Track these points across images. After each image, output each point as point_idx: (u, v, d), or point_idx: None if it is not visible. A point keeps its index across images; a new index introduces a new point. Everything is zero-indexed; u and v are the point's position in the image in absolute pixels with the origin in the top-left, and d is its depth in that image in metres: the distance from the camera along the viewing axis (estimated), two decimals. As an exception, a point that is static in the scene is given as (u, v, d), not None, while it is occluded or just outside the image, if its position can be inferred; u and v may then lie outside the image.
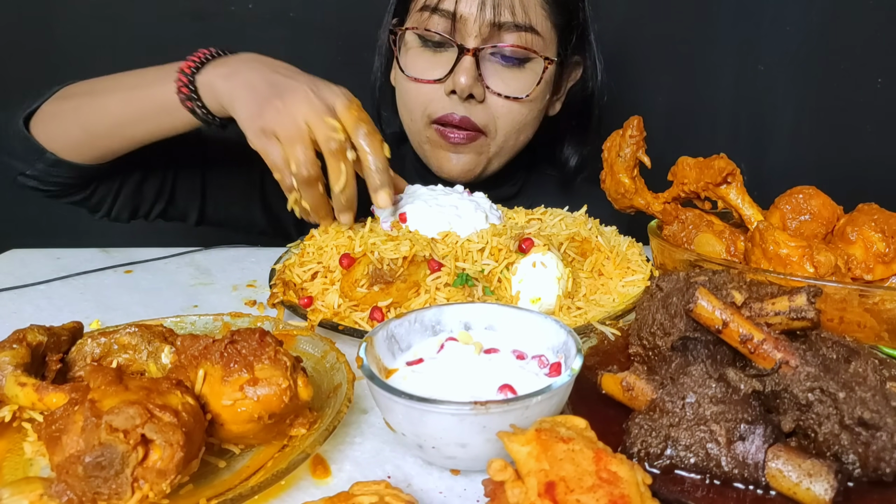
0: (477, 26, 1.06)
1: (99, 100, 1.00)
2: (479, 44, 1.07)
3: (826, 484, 0.45)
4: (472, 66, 1.07)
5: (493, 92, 1.10)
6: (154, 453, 0.44)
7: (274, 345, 0.53)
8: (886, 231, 0.78)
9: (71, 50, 1.59)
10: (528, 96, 1.12)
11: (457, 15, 1.06)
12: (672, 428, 0.49)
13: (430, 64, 1.11)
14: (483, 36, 1.07)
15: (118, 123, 0.99)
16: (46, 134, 1.01)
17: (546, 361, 0.59)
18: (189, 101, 0.93)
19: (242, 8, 1.62)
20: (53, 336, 0.59)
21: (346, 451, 0.57)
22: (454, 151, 1.15)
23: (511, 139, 1.17)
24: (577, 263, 0.86)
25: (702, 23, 1.69)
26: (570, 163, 1.32)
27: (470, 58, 1.07)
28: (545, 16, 1.11)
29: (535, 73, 1.12)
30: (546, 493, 0.38)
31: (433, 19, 1.09)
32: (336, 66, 1.58)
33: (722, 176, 0.85)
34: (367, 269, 0.78)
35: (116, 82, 1.02)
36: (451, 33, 1.08)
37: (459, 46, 1.07)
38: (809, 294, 0.54)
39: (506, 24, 1.06)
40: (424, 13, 1.09)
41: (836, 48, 1.67)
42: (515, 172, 1.29)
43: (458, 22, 1.07)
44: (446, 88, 1.10)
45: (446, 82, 1.10)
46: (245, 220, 1.26)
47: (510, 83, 1.11)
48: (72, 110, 1.00)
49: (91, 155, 1.02)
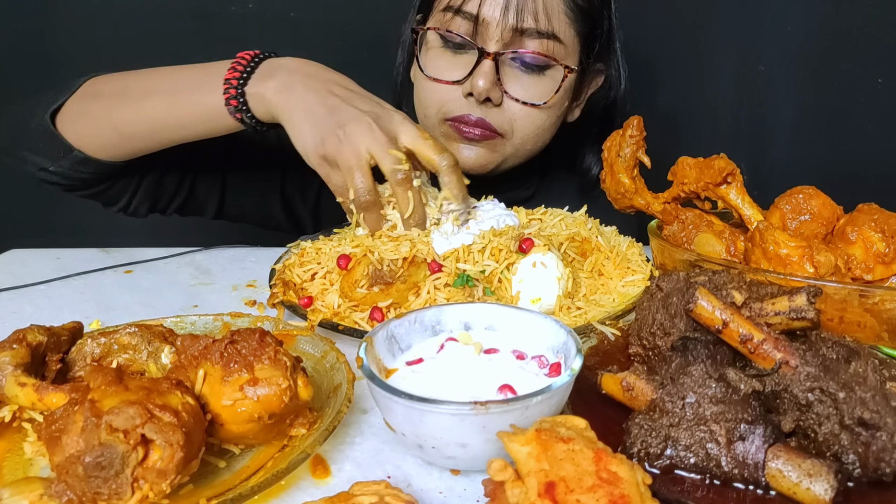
0: (499, 31, 1.05)
1: (135, 103, 0.99)
2: (499, 48, 1.06)
3: (826, 484, 0.45)
4: (492, 70, 1.06)
5: (511, 97, 1.09)
6: (154, 453, 0.44)
7: (274, 345, 0.53)
8: (886, 231, 0.78)
9: (71, 49, 1.59)
10: (546, 103, 1.11)
11: (479, 18, 1.05)
12: (672, 428, 0.49)
13: (449, 65, 1.11)
14: (504, 40, 1.06)
15: (156, 128, 1.00)
16: (76, 132, 1.00)
17: (546, 361, 0.59)
18: (238, 113, 0.93)
19: (242, 8, 1.62)
20: (53, 336, 0.59)
21: (346, 451, 0.57)
22: (468, 144, 1.14)
23: (528, 143, 1.16)
24: (577, 263, 0.86)
25: (702, 23, 1.69)
26: (592, 171, 1.31)
27: (490, 62, 1.06)
28: (569, 23, 1.09)
29: (554, 80, 1.11)
30: (546, 493, 0.38)
31: (455, 21, 1.08)
32: (336, 66, 1.57)
33: (722, 176, 0.85)
34: (367, 270, 0.78)
35: (152, 83, 1.01)
36: (473, 36, 1.07)
37: (480, 50, 1.06)
38: (809, 294, 0.54)
39: (528, 31, 1.05)
40: (447, 14, 1.09)
41: (836, 48, 1.67)
42: (530, 176, 1.28)
43: (481, 25, 1.06)
44: (464, 90, 1.09)
45: (464, 84, 1.09)
46: (263, 216, 1.27)
47: (529, 89, 1.10)
48: (104, 110, 1.00)
49: (121, 154, 1.02)
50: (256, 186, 1.22)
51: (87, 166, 1.01)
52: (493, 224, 0.86)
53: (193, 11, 1.60)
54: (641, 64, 1.72)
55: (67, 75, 1.06)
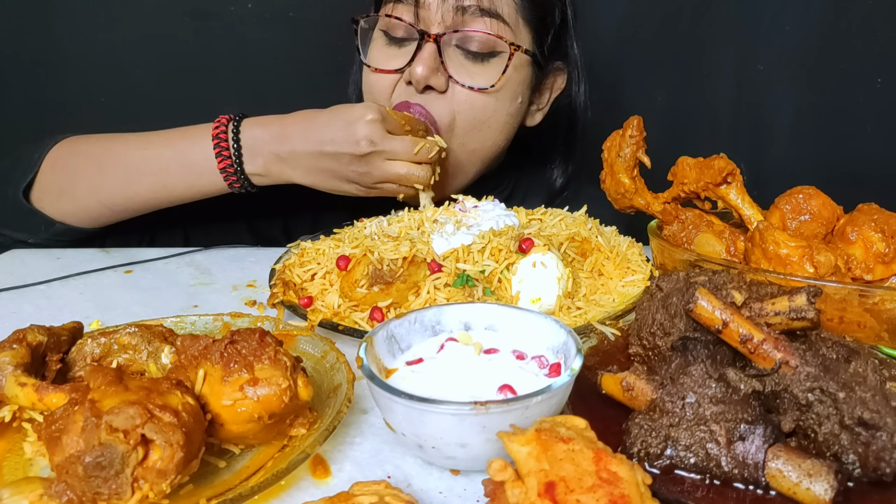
0: (440, 13, 1.03)
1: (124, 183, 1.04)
2: (441, 30, 1.04)
3: (826, 484, 0.45)
4: (433, 54, 1.04)
5: (456, 81, 1.06)
6: (154, 453, 0.44)
7: (274, 345, 0.53)
8: (886, 231, 0.78)
9: (71, 49, 1.59)
10: (493, 86, 1.07)
11: (420, 1, 1.04)
12: (672, 428, 0.49)
13: (390, 55, 1.09)
14: (447, 22, 1.04)
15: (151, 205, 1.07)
16: (59, 209, 1.04)
17: (546, 362, 0.59)
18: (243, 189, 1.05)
19: (242, 8, 1.62)
20: (53, 336, 0.59)
21: (346, 451, 0.57)
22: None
23: (474, 139, 1.11)
24: (577, 263, 0.86)
25: (702, 23, 1.69)
26: (556, 184, 1.30)
27: (431, 44, 1.04)
28: (514, 7, 1.07)
29: (502, 67, 1.07)
30: (546, 493, 0.38)
31: (398, 8, 1.06)
32: (336, 65, 1.57)
33: (722, 176, 0.85)
34: (367, 270, 0.78)
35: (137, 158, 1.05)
36: (416, 22, 1.05)
37: (420, 32, 1.04)
38: (809, 294, 0.54)
39: (470, 8, 1.03)
40: (389, 3, 1.07)
41: (836, 48, 1.67)
42: (501, 174, 1.26)
43: (421, 8, 1.04)
44: (405, 78, 1.07)
45: (405, 73, 1.07)
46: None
47: (475, 76, 1.07)
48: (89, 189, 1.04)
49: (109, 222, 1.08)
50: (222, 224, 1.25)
51: (69, 234, 1.06)
52: (493, 224, 0.86)
53: (193, 12, 1.60)
54: (642, 64, 1.72)
55: (67, 76, 1.07)
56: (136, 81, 1.61)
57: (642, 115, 0.90)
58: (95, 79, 1.60)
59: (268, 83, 1.65)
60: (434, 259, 0.79)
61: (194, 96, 1.63)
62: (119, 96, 1.62)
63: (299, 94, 1.60)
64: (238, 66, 1.64)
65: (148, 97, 1.62)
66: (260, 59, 1.64)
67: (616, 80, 1.68)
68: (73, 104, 1.61)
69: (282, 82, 1.65)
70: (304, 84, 1.65)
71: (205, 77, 1.64)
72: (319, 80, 1.62)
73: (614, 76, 1.67)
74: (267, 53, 1.64)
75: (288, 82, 1.65)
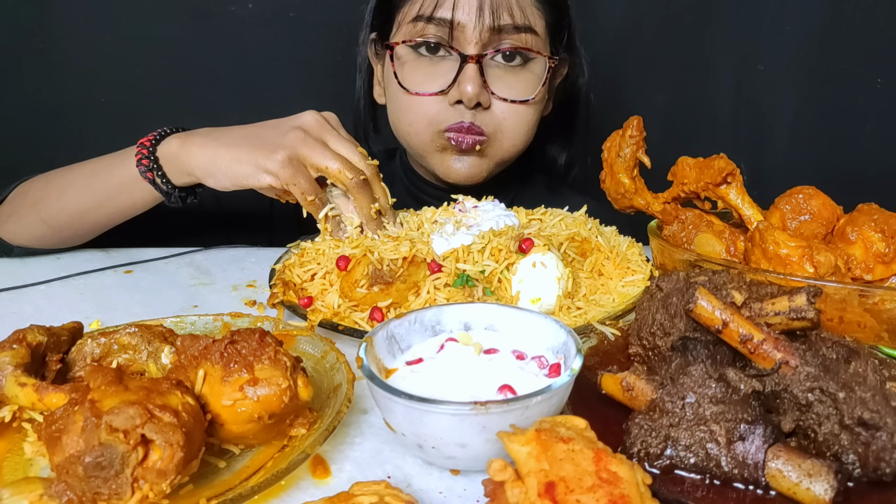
0: (477, 32, 1.04)
1: (58, 194, 1.05)
2: (479, 50, 1.05)
3: (826, 484, 0.45)
4: (477, 73, 1.05)
5: (499, 97, 1.09)
6: (154, 453, 0.44)
7: (274, 345, 0.53)
8: (886, 231, 0.78)
9: (70, 49, 1.59)
10: (533, 98, 1.11)
11: (454, 22, 1.04)
12: (672, 428, 0.49)
13: (428, 76, 1.09)
14: (483, 41, 1.05)
15: (80, 213, 1.05)
16: (9, 231, 1.07)
17: (546, 362, 0.59)
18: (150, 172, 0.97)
19: (242, 8, 1.62)
20: (53, 336, 0.59)
21: (346, 451, 0.57)
22: (458, 156, 1.13)
23: (518, 144, 1.15)
24: (577, 263, 0.86)
25: (702, 23, 1.69)
26: (558, 161, 1.31)
27: (473, 65, 1.05)
28: (539, 15, 1.10)
29: (535, 73, 1.11)
30: (546, 494, 0.38)
31: (429, 29, 1.06)
32: (336, 65, 1.58)
33: (722, 176, 0.85)
34: (367, 270, 0.78)
35: (73, 174, 1.07)
36: (449, 42, 1.06)
37: (461, 55, 1.05)
38: (809, 294, 0.54)
39: (505, 27, 1.05)
40: (418, 23, 1.07)
41: (836, 48, 1.67)
42: (509, 182, 1.27)
43: (456, 30, 1.05)
44: (450, 99, 1.08)
45: (450, 93, 1.08)
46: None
47: (513, 87, 1.10)
48: (31, 206, 1.06)
49: (57, 243, 1.10)
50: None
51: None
52: (493, 224, 0.86)
53: (193, 12, 1.60)
54: (642, 64, 1.72)
55: (67, 76, 1.07)
56: (136, 81, 1.61)
57: (642, 114, 0.91)
58: (95, 79, 1.60)
59: (268, 83, 1.65)
60: (434, 259, 0.79)
61: (194, 96, 1.63)
62: (119, 96, 1.62)
63: (299, 94, 1.60)
64: (238, 66, 1.64)
65: (148, 97, 1.62)
66: (260, 59, 1.64)
67: (616, 80, 1.68)
68: (72, 104, 1.61)
69: (282, 82, 1.65)
70: (304, 84, 1.65)
71: (205, 77, 1.64)
72: (319, 80, 1.63)
73: (615, 76, 1.67)
74: (267, 53, 1.64)
75: (288, 82, 1.65)
